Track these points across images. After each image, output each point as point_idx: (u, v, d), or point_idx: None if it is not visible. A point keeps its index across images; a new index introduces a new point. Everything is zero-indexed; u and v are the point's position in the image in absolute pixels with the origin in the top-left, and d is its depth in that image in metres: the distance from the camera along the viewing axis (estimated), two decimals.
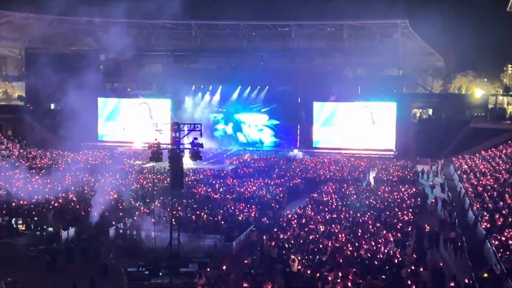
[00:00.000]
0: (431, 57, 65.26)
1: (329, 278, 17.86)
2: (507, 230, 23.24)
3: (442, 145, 52.02)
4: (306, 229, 24.54)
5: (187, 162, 43.49)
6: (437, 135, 53.17)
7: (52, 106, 63.52)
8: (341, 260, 19.86)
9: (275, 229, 24.75)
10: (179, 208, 26.69)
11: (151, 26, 65.32)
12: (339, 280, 17.62)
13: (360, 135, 56.19)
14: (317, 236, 23.37)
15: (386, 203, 30.21)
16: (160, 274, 20.13)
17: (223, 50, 64.39)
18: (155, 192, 31.10)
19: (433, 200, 33.23)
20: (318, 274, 18.52)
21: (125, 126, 59.00)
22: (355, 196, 32.21)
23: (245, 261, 20.65)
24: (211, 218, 26.75)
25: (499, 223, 25.02)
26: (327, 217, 26.86)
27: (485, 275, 18.35)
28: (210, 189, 33.93)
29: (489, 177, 36.83)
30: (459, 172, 41.18)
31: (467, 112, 58.22)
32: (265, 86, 59.04)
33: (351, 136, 56.47)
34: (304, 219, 26.41)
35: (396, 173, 42.09)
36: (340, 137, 56.44)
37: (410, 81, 64.99)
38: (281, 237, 23.44)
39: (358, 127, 56.29)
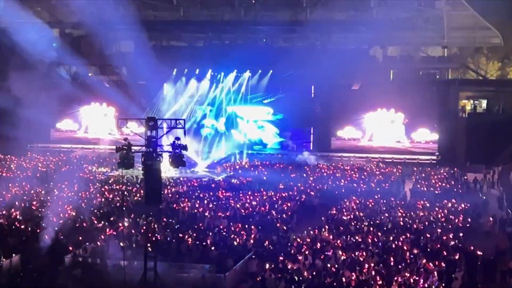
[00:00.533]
0: (485, 32, 65.07)
1: None
2: None
3: (499, 147, 51.95)
4: (321, 257, 24.60)
5: (167, 170, 43.50)
6: (493, 134, 53.11)
7: None
8: None
9: (281, 257, 24.80)
10: (156, 229, 26.67)
11: None
12: None
13: (391, 134, 56.32)
14: (337, 266, 23.43)
15: (426, 223, 30.28)
16: None
17: (213, 22, 64.36)
18: (124, 208, 31.13)
19: (491, 219, 33.25)
20: None
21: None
22: (386, 214, 32.23)
23: None
24: (198, 242, 26.81)
25: None
26: (350, 241, 26.93)
27: None
28: (197, 205, 33.97)
29: None
30: None
31: None
32: (269, 69, 59.10)
33: (380, 136, 56.61)
34: (319, 244, 26.47)
35: (439, 183, 42.13)
36: (364, 135, 56.73)
37: (457, 63, 64.93)
38: (289, 267, 23.50)
39: (388, 123, 56.53)
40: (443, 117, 55.70)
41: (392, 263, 23.66)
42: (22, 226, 28.57)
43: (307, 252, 25.21)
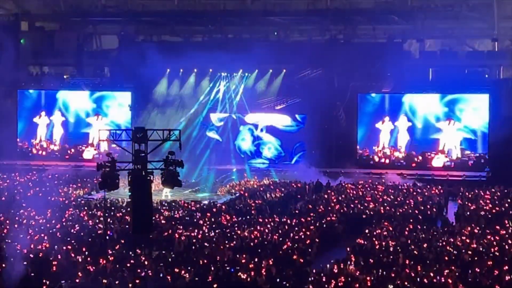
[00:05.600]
0: None
1: None
2: None
3: None
4: None
5: (159, 191, 43.11)
6: None
7: None
8: None
9: None
10: (146, 263, 26.69)
11: None
12: None
13: (431, 147, 56.29)
14: None
15: (475, 254, 30.15)
16: None
17: (214, 13, 64.64)
18: (107, 237, 31.18)
19: None
20: None
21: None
22: (425, 244, 32.14)
23: None
24: (197, 278, 26.80)
25: None
26: (381, 276, 26.87)
27: None
28: (195, 233, 34.02)
29: None
30: None
31: None
32: (281, 69, 59.19)
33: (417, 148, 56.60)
34: (343, 279, 26.44)
35: (491, 206, 41.99)
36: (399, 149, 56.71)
37: (510, 59, 64.88)
38: None
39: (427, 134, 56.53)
40: (494, 125, 55.50)
41: None
42: None
43: None
